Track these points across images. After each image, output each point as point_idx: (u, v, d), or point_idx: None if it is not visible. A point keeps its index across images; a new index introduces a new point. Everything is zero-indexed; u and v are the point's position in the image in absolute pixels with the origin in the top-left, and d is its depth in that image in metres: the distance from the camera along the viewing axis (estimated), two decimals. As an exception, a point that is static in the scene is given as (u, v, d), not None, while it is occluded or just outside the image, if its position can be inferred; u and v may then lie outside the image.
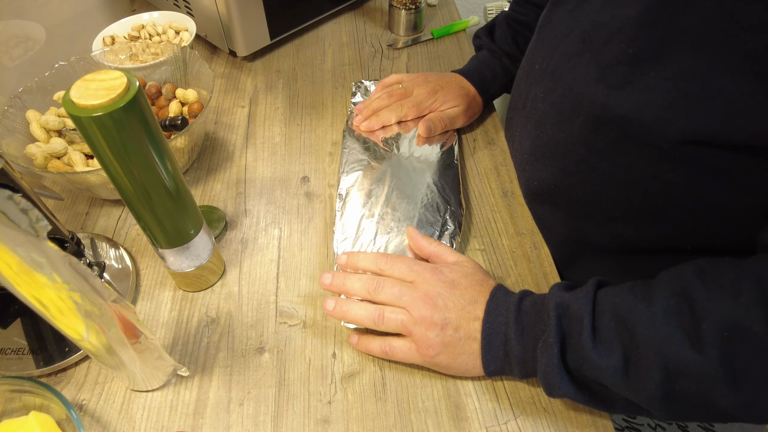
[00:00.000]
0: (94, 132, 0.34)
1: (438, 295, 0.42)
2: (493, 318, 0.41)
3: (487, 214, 0.58)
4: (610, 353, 0.36)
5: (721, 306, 0.33)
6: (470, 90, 0.65)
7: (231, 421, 0.43)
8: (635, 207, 0.44)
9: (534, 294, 0.43)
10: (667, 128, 0.38)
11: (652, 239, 0.45)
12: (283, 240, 0.56)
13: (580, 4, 0.47)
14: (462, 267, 0.45)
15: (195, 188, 0.61)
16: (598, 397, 0.39)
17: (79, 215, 0.59)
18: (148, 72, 0.66)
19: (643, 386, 0.34)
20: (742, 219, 0.40)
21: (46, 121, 0.58)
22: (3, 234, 0.28)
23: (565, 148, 0.47)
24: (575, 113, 0.45)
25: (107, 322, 0.35)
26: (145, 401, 0.44)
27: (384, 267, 0.46)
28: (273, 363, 0.46)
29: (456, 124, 0.64)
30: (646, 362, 0.34)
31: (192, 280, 0.50)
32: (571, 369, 0.38)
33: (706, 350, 0.32)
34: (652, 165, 0.41)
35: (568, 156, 0.47)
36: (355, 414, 0.43)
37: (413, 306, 0.42)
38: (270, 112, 0.71)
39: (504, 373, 0.42)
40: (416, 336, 0.42)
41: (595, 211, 0.47)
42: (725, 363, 0.32)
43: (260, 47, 0.78)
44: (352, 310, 0.44)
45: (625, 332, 0.36)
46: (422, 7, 0.81)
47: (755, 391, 0.32)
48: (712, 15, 0.34)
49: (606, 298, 0.38)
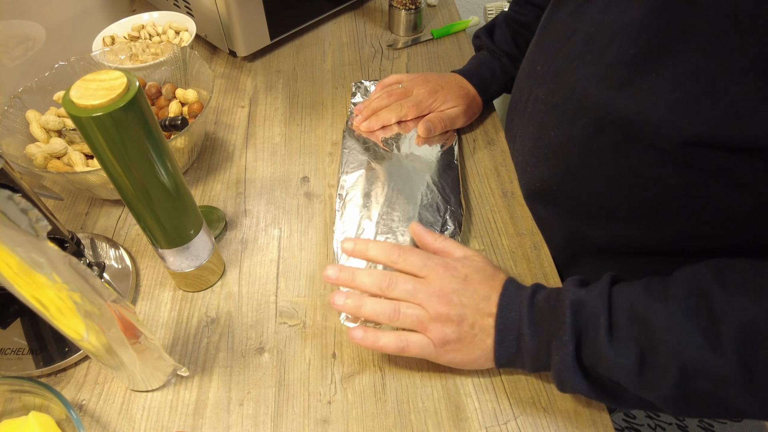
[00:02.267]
0: (94, 132, 0.34)
1: (453, 291, 0.42)
2: (506, 313, 0.41)
3: (487, 214, 0.58)
4: (626, 352, 0.36)
5: (740, 307, 0.33)
6: (470, 90, 0.65)
7: (231, 421, 0.43)
8: (637, 209, 0.44)
9: (546, 288, 0.43)
10: (669, 130, 0.38)
11: (654, 241, 0.45)
12: (283, 240, 0.56)
13: (582, 5, 0.46)
14: (472, 262, 0.45)
15: (195, 188, 0.61)
16: (611, 394, 0.39)
17: (79, 215, 0.59)
18: (148, 72, 0.66)
19: (658, 385, 0.34)
20: (744, 221, 0.40)
21: (46, 121, 0.58)
22: (3, 234, 0.28)
23: (567, 150, 0.47)
24: (578, 115, 0.45)
25: (107, 322, 0.35)
26: (145, 401, 0.44)
27: (396, 260, 0.44)
28: (273, 363, 0.46)
29: (456, 125, 0.64)
30: (663, 362, 0.34)
31: (192, 280, 0.50)
32: (586, 366, 0.38)
33: (724, 352, 0.32)
34: (655, 167, 0.41)
35: (570, 157, 0.47)
36: (355, 414, 0.43)
37: (429, 303, 0.42)
38: (270, 112, 0.71)
39: (515, 366, 0.42)
40: (433, 332, 0.41)
41: (597, 212, 0.47)
42: (744, 365, 0.32)
43: (260, 47, 0.78)
44: (366, 306, 0.43)
45: (641, 331, 0.36)
46: (422, 8, 0.81)
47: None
48: (715, 16, 0.34)
49: (622, 295, 0.38)
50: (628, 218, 0.45)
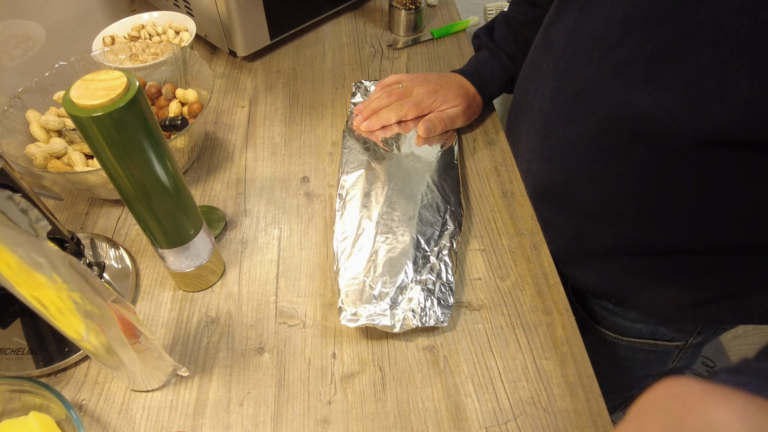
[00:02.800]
0: (94, 132, 0.34)
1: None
2: None
3: (487, 214, 0.58)
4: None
5: None
6: (470, 89, 0.65)
7: (231, 421, 0.43)
8: (646, 208, 0.44)
9: None
10: (683, 127, 0.37)
11: (661, 240, 0.45)
12: (283, 240, 0.56)
13: (589, 2, 0.46)
14: None
15: (195, 188, 0.61)
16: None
17: (79, 215, 0.59)
18: (148, 72, 0.66)
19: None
20: (754, 219, 0.40)
21: (47, 121, 0.58)
22: (3, 234, 0.28)
23: (575, 149, 0.47)
24: (587, 113, 0.45)
25: (107, 322, 0.35)
26: (145, 401, 0.44)
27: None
28: (273, 363, 0.47)
29: (456, 124, 0.64)
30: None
31: (192, 280, 0.50)
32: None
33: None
34: (666, 165, 0.40)
35: (579, 156, 0.47)
36: (355, 414, 0.43)
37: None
38: (270, 112, 0.71)
39: None
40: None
41: (605, 212, 0.47)
42: None
43: (260, 47, 0.78)
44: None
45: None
46: (422, 7, 0.81)
47: None
48: (728, 11, 0.33)
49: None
50: (637, 218, 0.45)
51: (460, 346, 0.47)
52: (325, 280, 0.52)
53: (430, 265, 0.49)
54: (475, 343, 0.47)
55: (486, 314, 0.49)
